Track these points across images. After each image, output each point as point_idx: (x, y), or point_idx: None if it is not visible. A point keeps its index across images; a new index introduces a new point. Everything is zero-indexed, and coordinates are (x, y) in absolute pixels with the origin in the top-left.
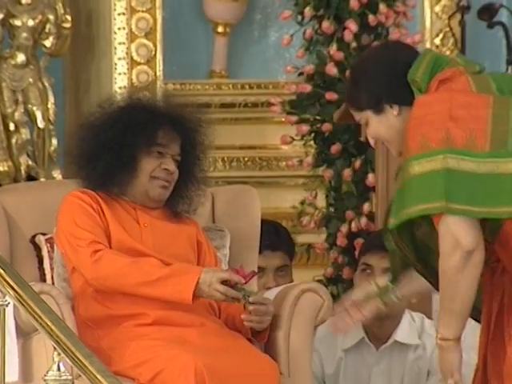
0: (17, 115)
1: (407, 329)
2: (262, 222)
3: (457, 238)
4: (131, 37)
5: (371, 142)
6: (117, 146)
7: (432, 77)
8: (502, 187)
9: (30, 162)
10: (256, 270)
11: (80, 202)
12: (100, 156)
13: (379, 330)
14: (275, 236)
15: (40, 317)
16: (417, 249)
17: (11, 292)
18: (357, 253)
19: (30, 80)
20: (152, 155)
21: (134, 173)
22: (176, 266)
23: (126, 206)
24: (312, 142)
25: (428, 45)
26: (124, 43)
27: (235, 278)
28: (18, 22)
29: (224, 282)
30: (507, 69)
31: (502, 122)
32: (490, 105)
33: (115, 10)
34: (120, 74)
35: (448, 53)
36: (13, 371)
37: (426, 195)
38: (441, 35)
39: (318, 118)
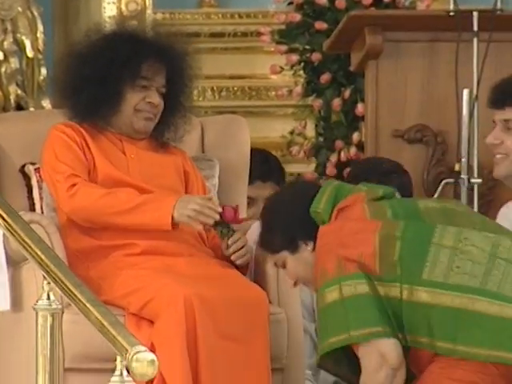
0: (6, 44)
1: None
2: (253, 151)
3: (383, 354)
4: None
5: (291, 283)
6: (101, 79)
7: (334, 206)
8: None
9: (20, 92)
10: (244, 202)
11: (63, 135)
12: (84, 88)
13: None
14: (266, 166)
15: (30, 246)
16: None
17: (1, 221)
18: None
19: (19, 9)
20: (136, 89)
21: (119, 106)
22: (152, 194)
23: (112, 137)
24: (301, 72)
25: None
26: None
27: (211, 197)
28: None
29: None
30: None
31: (388, 245)
32: (378, 229)
33: None
34: (109, 3)
35: None
36: (4, 300)
37: (332, 328)
38: None
39: (307, 47)
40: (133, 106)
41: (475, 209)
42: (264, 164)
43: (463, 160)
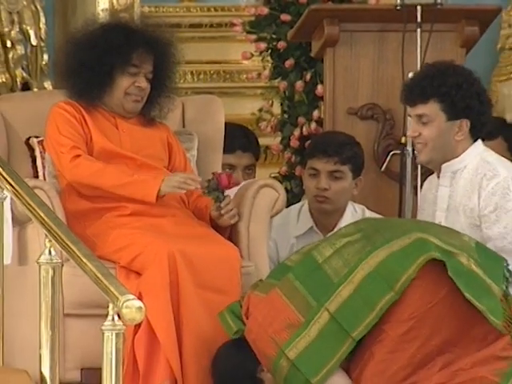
0: (13, 34)
1: (350, 219)
2: (235, 126)
3: None
4: None
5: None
6: (95, 65)
7: (240, 318)
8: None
9: (25, 75)
10: (220, 170)
11: (64, 112)
12: (81, 72)
13: (326, 221)
14: (246, 139)
15: (34, 208)
16: None
17: (8, 187)
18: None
19: (24, 3)
20: (126, 74)
21: (111, 89)
22: (143, 175)
23: (106, 114)
24: (269, 58)
25: None
26: None
27: (193, 177)
28: None
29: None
30: None
31: (294, 295)
32: (280, 293)
33: None
34: None
35: None
36: (7, 255)
37: None
38: None
39: (273, 36)
40: (123, 90)
41: (418, 176)
42: (244, 137)
43: (408, 134)
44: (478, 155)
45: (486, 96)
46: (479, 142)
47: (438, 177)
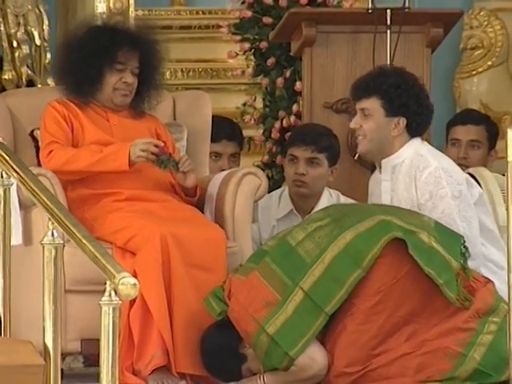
0: (19, 34)
1: (326, 202)
2: (222, 118)
3: (312, 357)
4: None
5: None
6: (85, 65)
7: (224, 300)
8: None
9: (30, 72)
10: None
11: (53, 110)
12: (73, 72)
13: (304, 204)
14: (231, 129)
15: (38, 194)
16: None
17: (15, 174)
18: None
19: (29, 7)
20: (114, 71)
21: (101, 86)
22: (110, 146)
23: (98, 109)
24: (252, 57)
25: None
26: None
27: (155, 142)
28: None
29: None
30: None
31: (271, 275)
32: (258, 275)
33: None
34: (100, 1)
35: None
36: (17, 236)
37: (275, 361)
38: None
39: (256, 37)
40: (112, 86)
41: None
42: (229, 128)
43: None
44: (413, 149)
45: (426, 100)
46: (416, 138)
47: (380, 172)
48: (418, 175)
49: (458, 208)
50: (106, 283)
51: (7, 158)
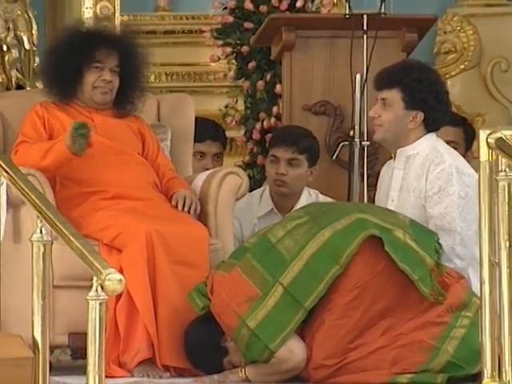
0: (8, 39)
1: (305, 201)
2: (206, 120)
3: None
4: None
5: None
6: (65, 65)
7: (206, 296)
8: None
9: (19, 75)
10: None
11: (33, 114)
12: (54, 73)
13: (284, 203)
14: (215, 130)
15: (27, 193)
16: None
17: (5, 174)
18: (267, 144)
19: (19, 12)
20: (92, 70)
21: (81, 85)
22: (52, 141)
23: (82, 110)
24: (234, 60)
25: None
26: None
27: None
28: None
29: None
30: None
31: (252, 272)
32: (240, 271)
33: None
34: (87, 7)
35: None
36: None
37: (256, 354)
38: None
39: (238, 42)
40: (91, 84)
41: (365, 164)
42: (214, 128)
43: (356, 127)
44: (430, 144)
45: (445, 97)
46: (432, 134)
47: (395, 160)
48: (431, 168)
49: (462, 208)
50: (92, 279)
51: None
